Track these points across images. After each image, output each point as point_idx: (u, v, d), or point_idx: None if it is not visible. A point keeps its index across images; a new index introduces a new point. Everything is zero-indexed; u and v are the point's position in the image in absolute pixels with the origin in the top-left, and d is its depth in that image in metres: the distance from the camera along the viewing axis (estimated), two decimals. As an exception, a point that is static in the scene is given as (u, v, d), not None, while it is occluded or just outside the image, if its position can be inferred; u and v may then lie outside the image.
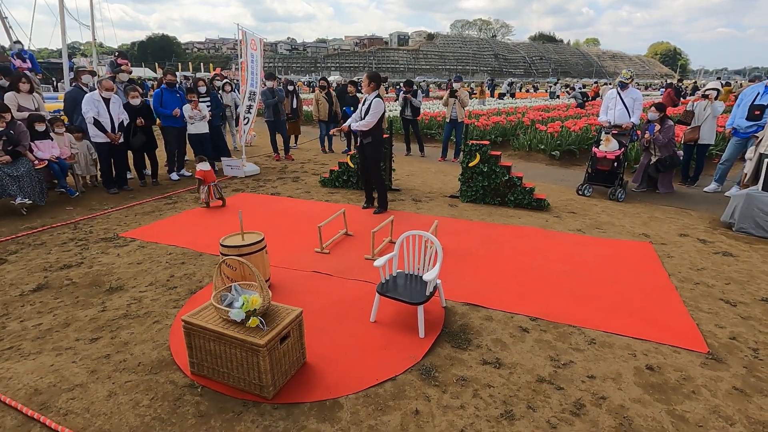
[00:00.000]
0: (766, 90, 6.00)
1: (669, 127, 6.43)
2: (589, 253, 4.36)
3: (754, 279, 3.83)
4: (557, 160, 9.17)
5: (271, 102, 8.86)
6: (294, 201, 6.24)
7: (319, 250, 4.35)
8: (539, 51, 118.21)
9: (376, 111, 5.16)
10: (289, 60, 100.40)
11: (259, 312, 2.34)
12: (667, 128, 6.40)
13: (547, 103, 20.03)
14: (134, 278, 3.78)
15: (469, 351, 2.79)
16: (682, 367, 2.64)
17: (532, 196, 5.81)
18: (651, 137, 6.45)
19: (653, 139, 6.43)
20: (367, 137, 5.30)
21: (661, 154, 6.45)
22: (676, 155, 6.58)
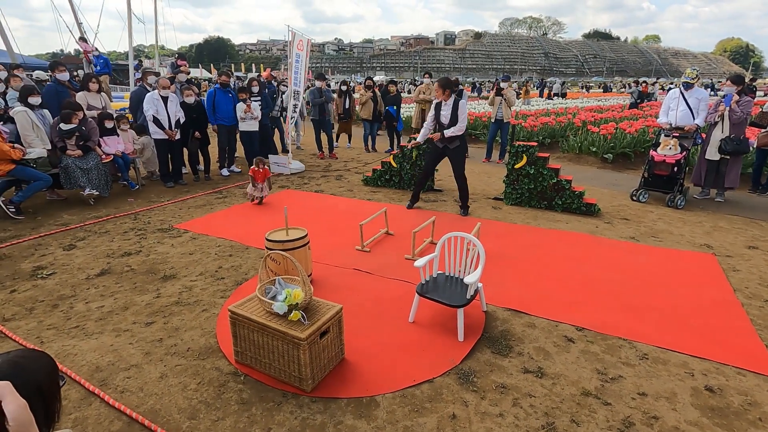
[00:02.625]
0: None
1: (747, 102, 5.83)
2: (643, 262, 4.11)
3: (837, 299, 3.45)
4: (609, 163, 8.72)
5: (318, 101, 9.05)
6: (337, 199, 6.34)
7: (360, 248, 4.39)
8: (593, 49, 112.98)
9: (465, 114, 5.14)
10: (336, 60, 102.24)
11: (300, 306, 2.39)
12: (745, 103, 5.81)
13: (601, 103, 19.08)
14: (186, 268, 3.99)
15: (509, 358, 2.71)
16: (747, 390, 2.43)
17: (582, 201, 5.55)
18: (726, 109, 5.83)
19: (729, 112, 5.81)
20: (453, 142, 5.22)
21: (732, 132, 5.84)
22: (746, 140, 5.95)
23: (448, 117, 5.13)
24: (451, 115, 5.10)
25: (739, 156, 5.99)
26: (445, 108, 5.14)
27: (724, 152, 5.89)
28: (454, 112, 5.09)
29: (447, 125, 5.13)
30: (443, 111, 5.16)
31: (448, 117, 5.13)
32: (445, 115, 5.15)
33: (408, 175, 6.69)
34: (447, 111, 5.12)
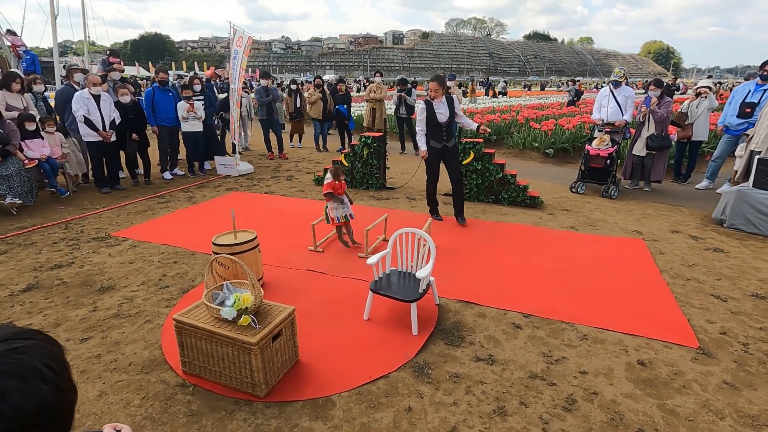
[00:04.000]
0: (756, 88, 6.05)
1: (668, 102, 6.38)
2: (582, 250, 4.38)
3: (745, 275, 3.87)
4: (551, 158, 9.20)
5: (265, 101, 8.82)
6: (288, 200, 6.22)
7: (312, 248, 4.33)
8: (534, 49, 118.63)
9: (460, 107, 4.91)
10: (284, 59, 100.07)
11: (250, 310, 2.33)
12: (666, 103, 6.36)
13: (542, 101, 20.09)
14: (126, 278, 3.75)
15: (462, 348, 2.80)
16: (673, 362, 2.66)
17: (526, 194, 5.82)
18: (648, 110, 6.36)
19: (650, 111, 6.33)
20: (450, 140, 4.91)
21: (656, 130, 6.39)
22: (668, 136, 6.52)
23: (446, 114, 4.77)
24: (449, 112, 4.78)
25: (664, 151, 6.55)
26: (440, 106, 4.77)
27: (650, 148, 6.42)
28: (451, 108, 4.79)
29: (445, 123, 4.77)
30: (438, 109, 4.76)
31: (446, 114, 4.77)
32: (442, 113, 4.76)
33: (360, 174, 6.69)
34: (443, 109, 4.76)
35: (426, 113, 4.78)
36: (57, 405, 0.70)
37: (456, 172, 4.98)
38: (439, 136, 4.83)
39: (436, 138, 4.83)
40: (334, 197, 4.26)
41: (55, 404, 0.70)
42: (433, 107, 4.77)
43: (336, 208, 4.29)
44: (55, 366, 0.72)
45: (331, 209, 4.31)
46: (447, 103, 4.78)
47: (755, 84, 6.09)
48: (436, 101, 4.76)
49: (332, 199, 4.27)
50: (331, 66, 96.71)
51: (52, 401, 0.69)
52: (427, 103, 4.81)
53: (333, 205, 4.30)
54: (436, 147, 4.86)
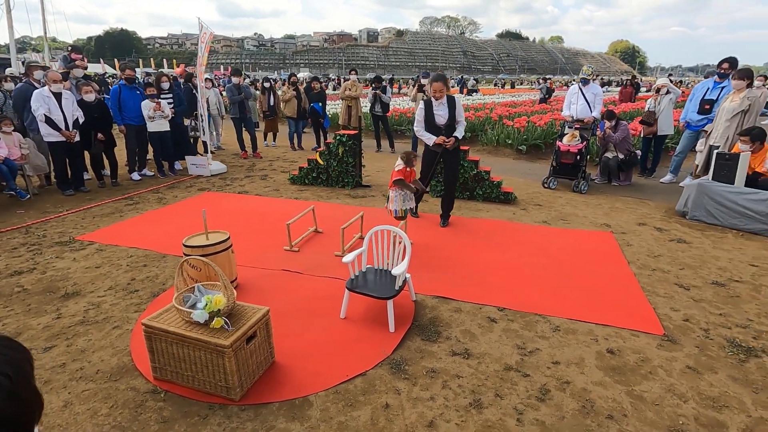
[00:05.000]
0: (715, 85, 6.32)
1: (624, 127, 6.75)
2: (554, 243, 4.49)
3: (706, 264, 4.05)
4: (524, 154, 9.39)
5: (237, 99, 8.65)
6: (262, 199, 6.12)
7: (288, 248, 4.28)
8: (506, 48, 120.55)
9: (462, 112, 4.66)
10: (257, 56, 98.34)
11: (223, 312, 2.28)
12: (622, 128, 6.71)
13: (514, 98, 20.47)
14: (92, 283, 3.61)
15: (438, 343, 2.82)
16: (640, 349, 2.76)
17: (500, 190, 5.92)
18: (603, 134, 6.78)
19: (606, 137, 6.75)
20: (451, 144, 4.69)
21: (623, 153, 6.75)
22: (634, 154, 6.93)
23: (445, 117, 4.55)
24: (449, 115, 4.55)
25: (632, 167, 6.91)
26: (440, 107, 4.56)
27: (621, 169, 6.85)
28: (451, 110, 4.54)
29: (444, 125, 4.57)
30: (438, 111, 4.58)
31: (445, 117, 4.55)
32: (441, 115, 4.56)
33: (336, 173, 6.65)
34: (443, 111, 4.55)
35: (425, 114, 4.62)
36: (10, 412, 0.69)
37: (450, 177, 4.83)
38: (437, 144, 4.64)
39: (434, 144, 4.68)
40: (404, 185, 3.91)
41: (7, 411, 0.68)
42: (433, 108, 4.59)
43: (401, 198, 3.91)
44: (12, 373, 0.71)
45: (393, 200, 3.91)
46: (448, 105, 4.54)
47: (713, 82, 6.37)
48: (436, 102, 4.57)
49: (402, 187, 3.91)
50: (305, 64, 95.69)
51: (4, 408, 0.68)
52: (427, 103, 4.63)
53: (399, 194, 3.90)
54: (436, 150, 4.70)
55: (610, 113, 6.90)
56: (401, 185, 3.89)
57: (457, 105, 4.59)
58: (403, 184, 3.87)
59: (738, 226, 4.90)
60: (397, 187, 3.90)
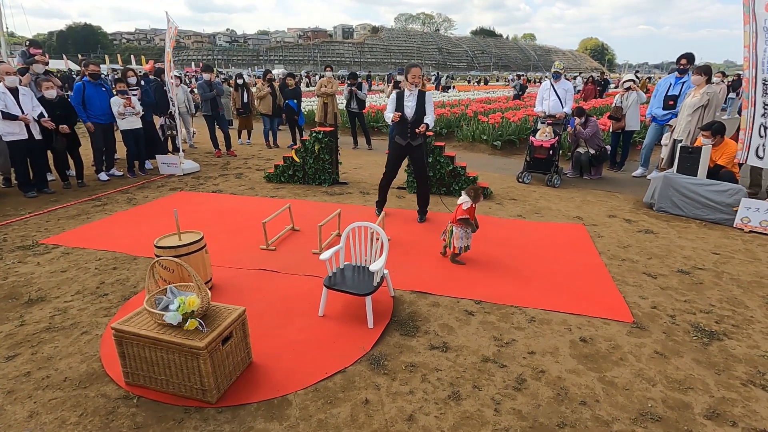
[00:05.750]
0: (676, 81, 6.56)
1: (593, 123, 6.94)
2: (529, 236, 4.58)
3: (671, 253, 4.21)
4: (499, 149, 9.53)
5: (209, 96, 8.44)
6: (237, 198, 6.01)
7: (264, 247, 4.22)
8: (480, 45, 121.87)
9: (432, 105, 4.63)
10: (229, 53, 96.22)
11: (197, 313, 2.23)
12: (591, 124, 6.90)
13: (489, 95, 20.75)
14: (58, 288, 3.47)
15: (417, 337, 2.84)
16: (611, 336, 2.86)
17: (476, 185, 5.99)
18: (573, 131, 6.96)
19: (576, 133, 6.93)
20: (417, 139, 4.64)
21: (594, 149, 6.94)
22: (605, 149, 7.14)
23: (413, 109, 4.52)
24: (417, 107, 4.53)
25: (603, 162, 7.10)
26: (410, 98, 4.53)
27: (592, 164, 7.02)
28: (420, 104, 4.53)
29: (411, 118, 4.55)
30: (408, 102, 4.54)
31: (413, 109, 4.52)
32: (410, 107, 4.53)
33: (312, 170, 6.59)
34: (412, 102, 4.53)
35: (396, 104, 4.58)
36: None
37: (421, 170, 4.82)
38: (404, 132, 4.61)
39: (401, 133, 4.63)
40: (469, 223, 3.79)
41: None
42: (404, 99, 4.56)
43: (465, 236, 3.82)
44: None
45: (458, 237, 3.80)
46: (418, 98, 4.53)
47: (675, 77, 6.61)
48: (408, 93, 4.54)
49: (466, 226, 3.79)
50: (279, 60, 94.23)
51: None
52: (399, 93, 4.61)
53: (464, 231, 3.79)
54: (400, 143, 4.68)
55: (580, 110, 7.09)
56: (466, 224, 3.80)
57: (427, 100, 4.59)
58: (468, 223, 3.79)
59: (701, 216, 5.12)
60: (462, 225, 3.80)
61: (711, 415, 2.20)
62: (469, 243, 3.89)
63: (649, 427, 2.13)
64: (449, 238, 3.88)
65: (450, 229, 3.87)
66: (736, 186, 4.96)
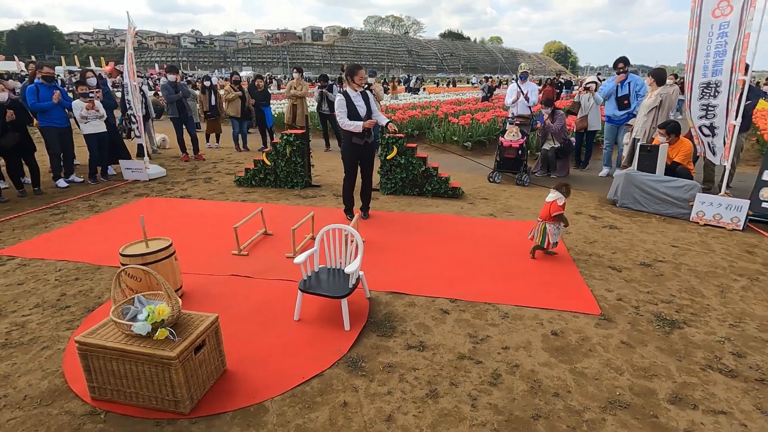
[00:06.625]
0: (622, 83, 6.81)
1: (561, 116, 7.13)
2: (500, 234, 4.69)
3: (634, 247, 4.41)
4: (469, 150, 9.70)
5: (175, 98, 8.20)
6: (207, 203, 5.86)
7: (236, 252, 4.13)
8: (449, 48, 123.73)
9: (377, 105, 4.74)
10: (195, 54, 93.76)
11: (167, 322, 2.16)
12: (559, 117, 7.09)
13: (459, 97, 21.09)
14: (14, 301, 3.28)
15: (394, 338, 2.85)
16: (580, 329, 2.96)
17: (448, 185, 6.08)
18: (542, 125, 7.14)
19: (545, 127, 7.10)
20: (371, 137, 4.76)
21: (559, 142, 7.15)
22: (570, 142, 7.34)
23: (365, 108, 4.65)
24: (367, 108, 4.67)
25: (568, 154, 7.31)
26: (358, 98, 4.64)
27: (558, 157, 7.17)
28: (367, 103, 4.67)
29: (365, 117, 4.64)
30: (357, 102, 4.63)
31: (365, 108, 4.65)
32: (361, 106, 4.64)
33: (284, 173, 6.51)
34: (361, 102, 4.65)
35: (346, 105, 4.60)
36: None
37: (369, 168, 4.95)
38: (361, 132, 4.67)
39: (358, 134, 4.67)
40: (563, 219, 4.00)
41: None
42: (352, 99, 4.63)
43: (556, 232, 4.00)
44: None
45: (552, 233, 3.97)
46: (363, 97, 4.68)
47: (612, 81, 6.90)
48: (354, 93, 4.63)
49: (559, 222, 4.00)
50: (248, 62, 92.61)
51: None
52: (345, 94, 4.64)
53: (554, 228, 3.98)
54: (358, 144, 4.73)
55: (548, 100, 7.27)
56: (560, 219, 4.00)
57: (371, 98, 4.76)
58: (562, 218, 4.00)
59: (660, 211, 5.38)
60: (556, 221, 3.99)
61: (674, 400, 2.32)
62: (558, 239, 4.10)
63: (618, 414, 2.22)
64: (542, 236, 4.01)
65: (543, 227, 4.01)
66: (692, 182, 5.25)
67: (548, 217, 3.98)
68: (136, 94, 6.87)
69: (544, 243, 4.03)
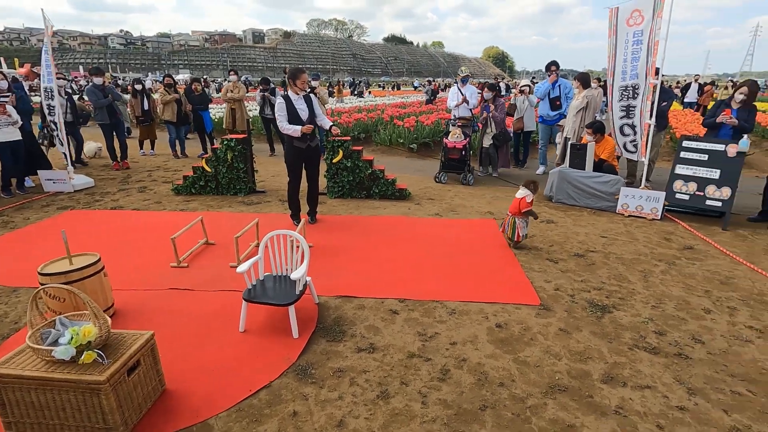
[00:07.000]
0: (553, 85, 7.28)
1: (502, 104, 7.41)
2: (447, 233, 4.81)
3: (569, 239, 4.70)
4: (415, 152, 9.88)
5: (103, 102, 7.62)
6: (142, 214, 5.50)
7: (175, 264, 3.91)
8: (393, 52, 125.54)
9: (320, 108, 4.67)
10: (125, 56, 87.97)
11: (95, 344, 2.00)
12: (501, 106, 7.36)
13: (404, 99, 21.44)
14: None
15: (344, 342, 2.83)
16: (522, 319, 3.10)
17: (395, 187, 6.15)
18: (488, 114, 7.35)
19: (491, 117, 7.32)
20: (314, 140, 4.71)
21: (497, 129, 7.38)
22: (507, 131, 7.63)
23: (307, 111, 4.57)
24: (309, 110, 4.59)
25: (506, 144, 7.61)
26: (299, 102, 4.55)
27: (496, 145, 7.42)
28: (310, 106, 4.60)
29: (307, 120, 4.55)
30: (299, 105, 4.55)
31: (307, 111, 4.57)
32: (302, 110, 4.56)
33: (226, 180, 6.26)
34: (303, 105, 4.57)
35: (287, 108, 4.51)
36: None
37: (314, 172, 4.90)
38: (303, 136, 4.57)
39: (299, 138, 4.57)
40: (532, 214, 4.29)
41: None
42: (294, 103, 4.53)
43: (524, 226, 4.31)
44: None
45: (521, 227, 4.28)
46: (305, 101, 4.61)
47: (547, 82, 7.38)
48: (295, 97, 4.54)
49: (527, 216, 4.30)
50: (185, 65, 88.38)
51: None
52: (286, 98, 4.54)
53: (522, 222, 4.28)
54: (300, 147, 4.63)
55: (492, 85, 7.53)
56: (529, 214, 4.30)
57: (314, 101, 4.70)
58: (531, 213, 4.30)
59: (590, 205, 5.78)
60: (524, 216, 4.29)
61: (606, 379, 2.49)
62: (527, 231, 4.40)
63: (558, 397, 2.35)
64: (512, 229, 4.33)
65: (512, 221, 4.33)
66: (616, 177, 5.69)
67: (518, 212, 4.28)
68: (57, 98, 6.31)
69: (515, 236, 4.32)
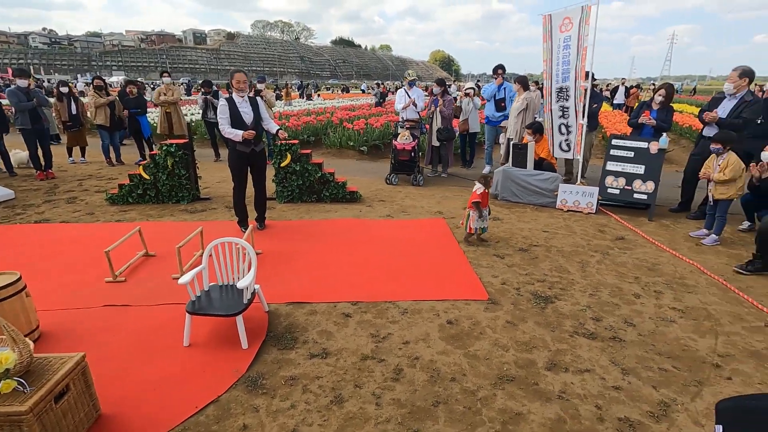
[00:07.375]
0: (498, 87, 7.60)
1: (450, 100, 7.59)
2: (398, 234, 4.86)
3: (514, 235, 4.91)
4: (366, 154, 9.90)
5: (28, 106, 6.96)
6: (71, 226, 5.09)
7: (111, 279, 3.65)
8: (342, 55, 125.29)
9: (267, 112, 4.59)
10: (50, 56, 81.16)
11: (14, 372, 1.81)
12: (449, 102, 7.53)
13: (353, 102, 21.45)
14: None
15: (296, 349, 2.77)
16: (472, 315, 3.20)
17: (346, 190, 6.13)
18: (436, 109, 7.48)
19: (438, 111, 7.45)
20: (259, 144, 4.58)
21: (443, 124, 7.55)
22: (452, 129, 7.82)
23: (251, 115, 4.46)
24: (254, 113, 4.49)
25: (450, 141, 7.79)
26: (243, 104, 4.44)
27: (440, 140, 7.55)
28: (255, 110, 4.50)
29: (251, 124, 4.45)
30: (242, 108, 4.42)
31: (251, 115, 4.46)
32: (246, 113, 4.44)
33: (166, 187, 5.94)
34: (247, 108, 4.45)
35: (229, 111, 4.37)
36: None
37: (261, 177, 4.78)
38: (246, 140, 4.42)
39: (244, 142, 4.41)
40: (479, 208, 4.42)
41: None
42: (237, 106, 4.41)
43: (478, 219, 4.48)
44: None
45: (474, 219, 4.46)
46: (251, 103, 4.51)
47: (494, 85, 7.70)
48: (239, 100, 4.42)
49: (477, 210, 4.43)
50: (118, 66, 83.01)
51: None
52: (229, 100, 4.40)
53: (476, 215, 4.45)
54: (244, 151, 4.49)
55: (440, 80, 7.70)
56: (478, 207, 4.44)
57: (260, 104, 4.62)
58: (479, 206, 4.43)
59: (532, 202, 6.08)
60: (475, 209, 4.44)
61: (550, 366, 2.62)
62: (486, 225, 4.59)
63: (506, 387, 2.44)
64: (467, 221, 4.51)
65: (467, 214, 4.51)
66: (555, 174, 6.03)
67: (469, 204, 4.52)
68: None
69: (467, 228, 4.54)
